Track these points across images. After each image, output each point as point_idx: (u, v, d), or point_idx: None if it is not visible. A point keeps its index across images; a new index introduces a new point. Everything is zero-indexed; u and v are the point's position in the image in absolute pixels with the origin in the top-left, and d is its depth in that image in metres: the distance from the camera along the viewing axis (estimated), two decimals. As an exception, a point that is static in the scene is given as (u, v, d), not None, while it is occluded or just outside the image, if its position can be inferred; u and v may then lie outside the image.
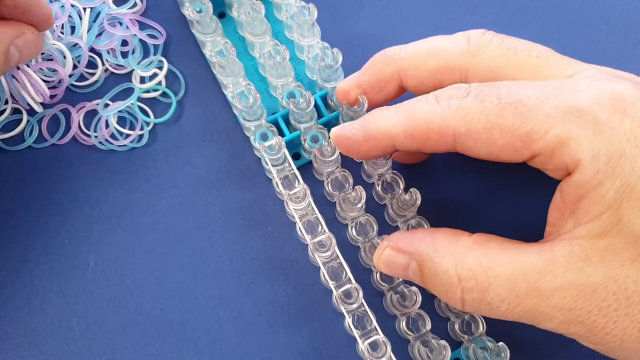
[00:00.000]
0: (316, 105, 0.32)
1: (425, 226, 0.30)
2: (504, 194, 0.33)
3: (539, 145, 0.23)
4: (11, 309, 0.32)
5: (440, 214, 0.31)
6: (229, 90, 0.32)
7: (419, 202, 0.30)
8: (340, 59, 0.31)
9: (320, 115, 0.32)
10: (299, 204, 0.29)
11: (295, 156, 0.33)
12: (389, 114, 0.26)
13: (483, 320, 0.29)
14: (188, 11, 0.32)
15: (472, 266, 0.25)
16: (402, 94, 0.30)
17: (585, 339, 0.24)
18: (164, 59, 0.35)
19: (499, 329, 0.29)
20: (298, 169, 0.31)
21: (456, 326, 0.30)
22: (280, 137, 0.30)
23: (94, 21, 0.35)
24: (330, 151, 0.30)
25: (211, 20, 0.32)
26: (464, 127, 0.24)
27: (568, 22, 0.35)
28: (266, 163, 0.30)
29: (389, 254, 0.27)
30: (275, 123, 0.32)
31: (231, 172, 0.33)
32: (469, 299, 0.25)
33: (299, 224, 0.29)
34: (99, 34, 0.35)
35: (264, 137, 0.30)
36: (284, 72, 0.31)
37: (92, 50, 0.35)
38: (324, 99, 0.32)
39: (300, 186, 0.29)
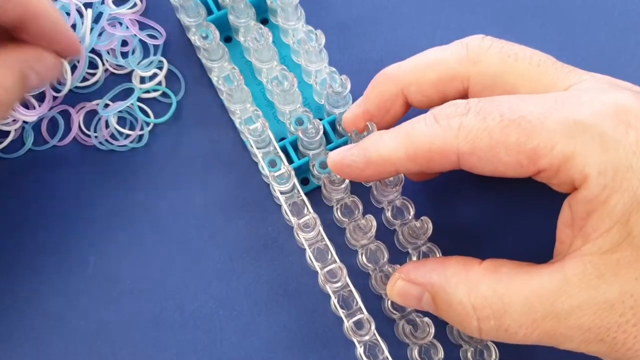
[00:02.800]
0: (325, 131, 0.31)
1: (437, 253, 0.30)
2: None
3: (545, 162, 0.23)
4: (11, 309, 0.32)
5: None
6: (237, 117, 0.31)
7: (430, 231, 0.29)
8: (349, 85, 0.31)
9: (329, 141, 0.32)
10: (308, 233, 0.29)
11: (304, 181, 0.33)
12: (389, 138, 0.26)
13: (496, 348, 0.29)
14: (194, 38, 0.31)
15: (486, 295, 0.24)
16: (409, 109, 0.29)
17: (607, 356, 0.24)
18: (163, 59, 0.35)
19: (512, 356, 0.29)
20: (306, 194, 0.30)
21: (469, 354, 0.29)
22: (289, 165, 0.30)
23: (95, 22, 0.35)
24: (340, 179, 0.29)
25: (218, 46, 0.31)
26: (467, 147, 0.24)
27: (568, 22, 0.35)
28: (274, 190, 0.30)
29: (401, 286, 0.27)
30: (284, 150, 0.31)
31: (231, 171, 0.33)
32: (485, 327, 0.25)
33: (309, 252, 0.29)
34: (99, 34, 0.35)
35: (273, 164, 0.30)
36: (292, 98, 0.31)
37: (92, 50, 0.35)
38: (333, 124, 0.32)
39: (310, 215, 0.29)
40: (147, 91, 0.34)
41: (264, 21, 0.35)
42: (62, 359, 0.31)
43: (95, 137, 0.34)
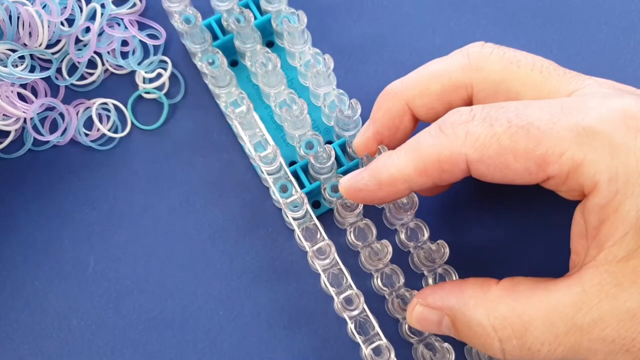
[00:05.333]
0: (335, 154, 0.31)
1: (453, 275, 0.29)
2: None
3: (554, 168, 0.23)
4: (11, 309, 0.32)
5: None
6: (246, 143, 0.31)
7: (447, 256, 0.29)
8: (359, 109, 0.30)
9: (339, 164, 0.31)
10: (323, 260, 0.29)
11: (315, 204, 0.32)
12: (397, 156, 0.26)
13: None
14: (201, 64, 0.31)
15: (505, 314, 0.24)
16: (417, 124, 0.29)
17: None
18: (168, 60, 0.35)
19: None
20: (318, 217, 0.30)
21: None
22: (301, 191, 0.30)
23: (91, 19, 0.34)
24: (353, 204, 0.29)
25: (225, 72, 0.31)
26: (476, 154, 0.24)
27: (568, 22, 0.35)
28: (286, 216, 0.30)
29: (420, 311, 0.27)
30: (295, 174, 0.31)
31: (230, 172, 0.33)
32: (508, 347, 0.24)
33: (324, 278, 0.29)
34: (99, 35, 0.35)
35: (284, 189, 0.30)
36: (301, 124, 0.30)
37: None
38: (343, 147, 0.32)
39: (324, 242, 0.29)
40: (148, 92, 0.34)
41: (270, 44, 0.35)
42: (62, 359, 0.31)
43: (95, 137, 0.34)
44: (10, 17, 0.32)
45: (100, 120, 0.34)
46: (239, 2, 0.33)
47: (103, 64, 0.35)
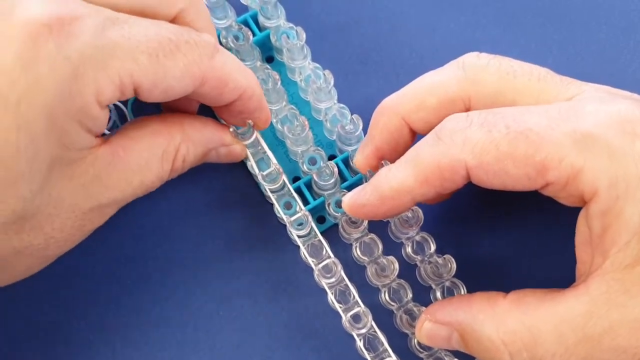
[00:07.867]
0: (339, 169, 0.31)
1: (461, 288, 0.29)
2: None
3: (554, 174, 0.23)
4: (11, 309, 0.32)
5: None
6: (250, 159, 0.31)
7: (454, 270, 0.29)
8: (361, 125, 0.30)
9: (343, 179, 0.31)
10: (329, 278, 0.29)
11: (320, 219, 0.32)
12: (397, 169, 0.25)
13: None
14: None
15: (515, 328, 0.24)
16: (416, 136, 0.29)
17: None
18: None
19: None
20: (324, 232, 0.30)
21: None
22: (305, 209, 0.30)
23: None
24: (359, 221, 0.29)
25: None
26: (474, 160, 0.24)
27: (568, 22, 0.35)
28: (290, 233, 0.30)
29: (429, 328, 0.27)
30: (298, 191, 0.31)
31: (234, 173, 0.33)
32: None
33: (330, 295, 0.29)
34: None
35: (288, 206, 0.30)
36: (304, 140, 0.30)
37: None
38: (346, 161, 0.31)
39: (330, 260, 0.29)
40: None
41: (270, 59, 0.34)
42: (62, 359, 0.31)
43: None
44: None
45: (100, 121, 0.34)
46: (237, 19, 0.33)
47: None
